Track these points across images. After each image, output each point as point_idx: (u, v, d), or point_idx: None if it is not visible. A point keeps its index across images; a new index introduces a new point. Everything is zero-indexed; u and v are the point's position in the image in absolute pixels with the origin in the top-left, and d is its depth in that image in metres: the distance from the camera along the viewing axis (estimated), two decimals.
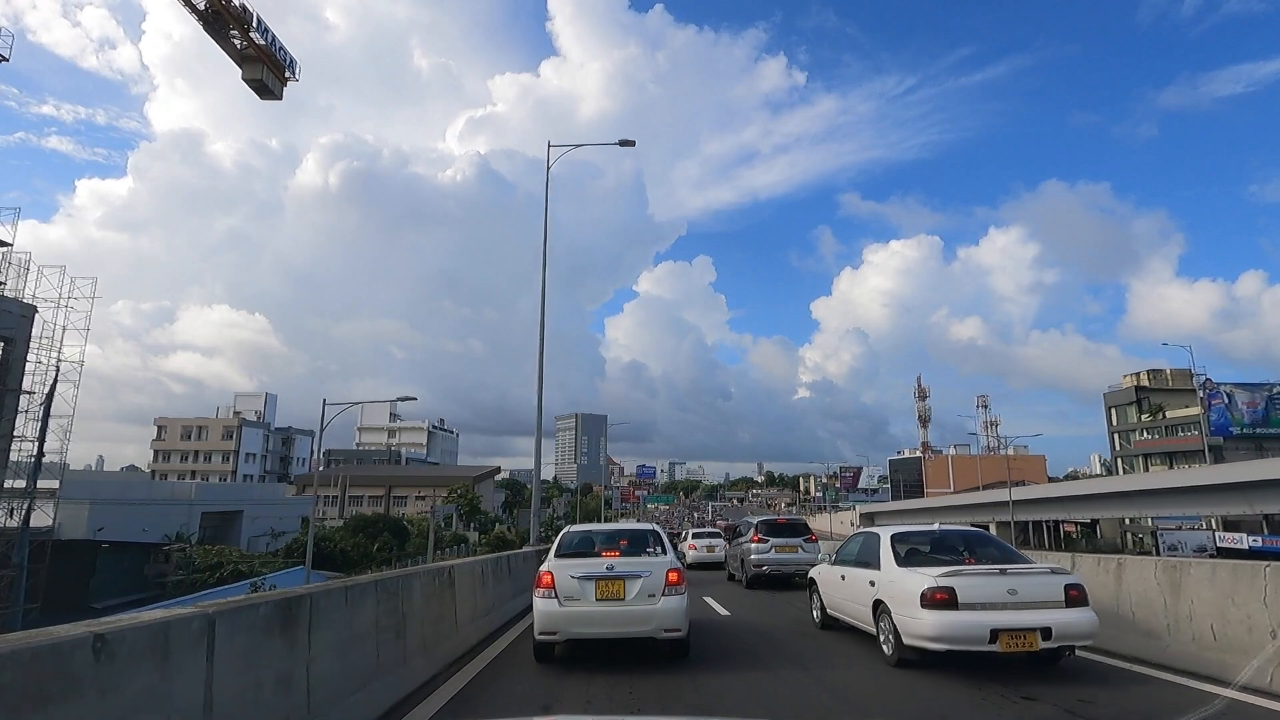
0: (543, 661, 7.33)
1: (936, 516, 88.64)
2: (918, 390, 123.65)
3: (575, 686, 6.47)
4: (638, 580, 7.14)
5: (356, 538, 42.42)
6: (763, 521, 16.74)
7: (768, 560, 15.49)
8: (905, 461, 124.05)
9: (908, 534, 8.23)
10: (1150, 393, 69.53)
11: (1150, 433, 68.58)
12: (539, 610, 7.16)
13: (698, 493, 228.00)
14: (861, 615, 7.99)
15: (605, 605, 7.10)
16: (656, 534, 8.38)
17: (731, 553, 18.59)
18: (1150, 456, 67.96)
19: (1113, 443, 72.34)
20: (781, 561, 15.49)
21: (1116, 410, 72.40)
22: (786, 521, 16.85)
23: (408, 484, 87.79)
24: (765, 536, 15.86)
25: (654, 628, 7.11)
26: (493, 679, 6.78)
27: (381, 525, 45.54)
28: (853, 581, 8.30)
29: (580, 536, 8.46)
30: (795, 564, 15.34)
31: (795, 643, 8.65)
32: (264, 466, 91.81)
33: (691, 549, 24.42)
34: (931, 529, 8.38)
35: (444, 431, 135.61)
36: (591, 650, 7.56)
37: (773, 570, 15.48)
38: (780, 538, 15.83)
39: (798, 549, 15.67)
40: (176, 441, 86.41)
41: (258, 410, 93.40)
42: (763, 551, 15.58)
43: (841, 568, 8.81)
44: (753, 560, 15.61)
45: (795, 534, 16.13)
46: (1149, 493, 50.40)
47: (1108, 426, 72.23)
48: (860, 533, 9.10)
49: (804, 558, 15.23)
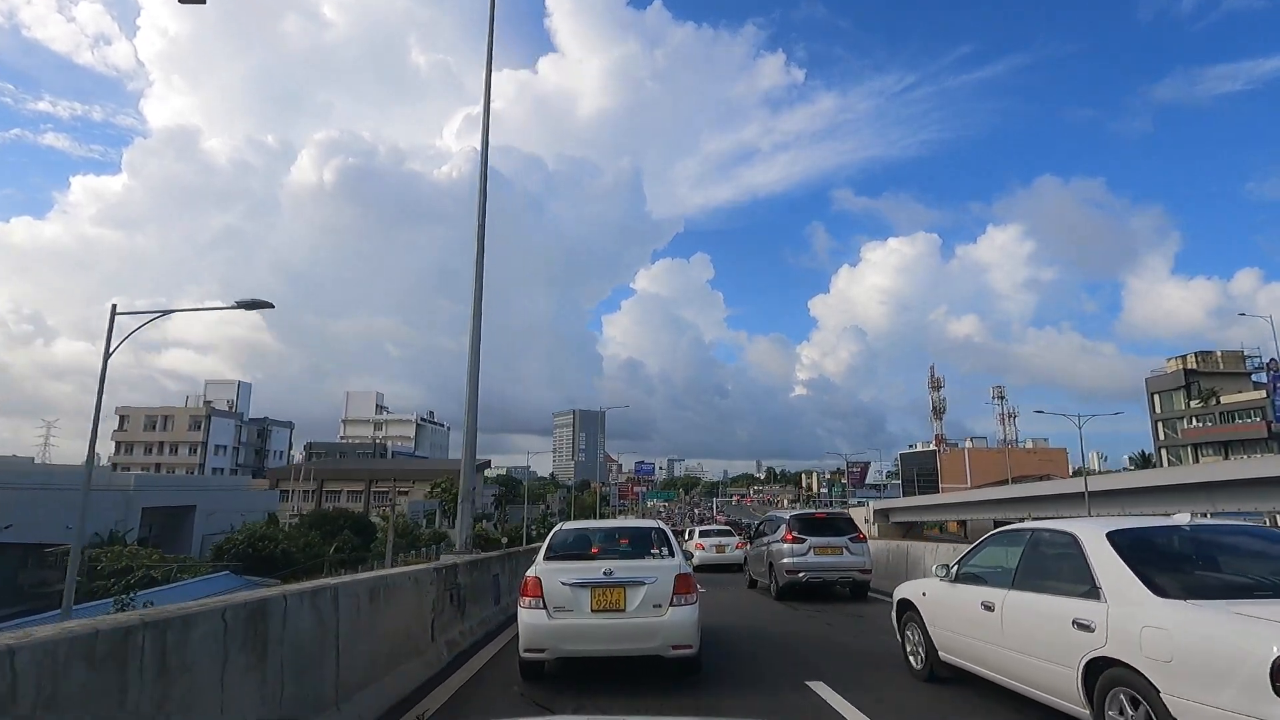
0: (530, 681, 6.28)
1: (962, 512, 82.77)
2: (931, 380, 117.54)
3: None
4: (640, 588, 6.13)
5: (309, 536, 36.19)
6: (798, 517, 14.03)
7: (805, 565, 12.87)
8: (917, 455, 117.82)
9: (1146, 533, 4.69)
10: (1200, 377, 63.46)
11: (1201, 420, 62.51)
12: (524, 623, 6.15)
13: (697, 489, 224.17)
14: (1049, 681, 4.64)
15: (602, 617, 6.07)
16: (662, 533, 7.30)
17: (753, 554, 15.93)
18: (1201, 446, 61.94)
19: (1156, 432, 66.31)
20: (822, 566, 12.91)
21: (1161, 397, 66.34)
22: (827, 517, 14.44)
23: (390, 477, 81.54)
24: (801, 535, 13.19)
25: (660, 644, 6.05)
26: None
27: (342, 522, 39.26)
28: (1021, 616, 5.01)
29: (574, 535, 7.44)
30: (840, 570, 12.95)
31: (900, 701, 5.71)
32: (236, 460, 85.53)
33: (699, 548, 22.09)
34: (1176, 523, 4.72)
35: (433, 424, 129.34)
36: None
37: (811, 578, 12.86)
38: (820, 537, 13.21)
39: (842, 550, 13.09)
40: (139, 432, 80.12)
41: (230, 399, 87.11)
42: (798, 554, 12.96)
43: (984, 590, 5.53)
44: (785, 565, 13.02)
45: (839, 532, 13.47)
46: (1204, 486, 44.56)
47: (1150, 415, 66.19)
48: (1017, 530, 5.72)
49: (850, 562, 13.01)
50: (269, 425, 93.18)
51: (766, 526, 15.41)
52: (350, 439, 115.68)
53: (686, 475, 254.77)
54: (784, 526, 13.66)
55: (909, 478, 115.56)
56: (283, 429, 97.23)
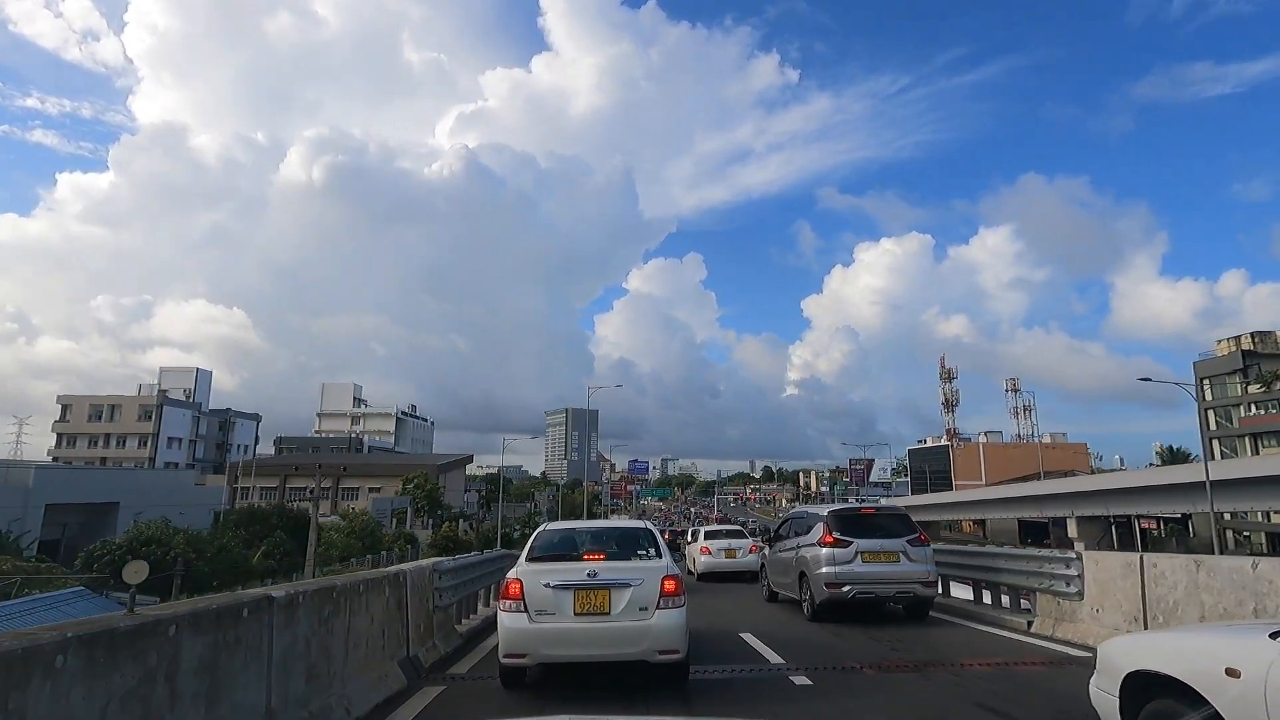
0: (511, 689, 6.06)
1: (982, 511, 76.45)
2: (942, 371, 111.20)
3: None
4: (626, 590, 5.89)
5: (224, 539, 29.24)
6: (839, 514, 10.68)
7: (851, 576, 9.76)
8: (928, 451, 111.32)
9: None
10: (1260, 359, 57.10)
11: (1261, 407, 56.14)
12: (504, 627, 5.89)
13: (693, 488, 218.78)
14: None
15: (586, 621, 5.84)
16: (650, 533, 7.04)
17: (774, 560, 12.75)
18: (1262, 436, 55.62)
19: (1204, 421, 59.94)
20: (874, 578, 9.81)
21: (1212, 382, 59.97)
22: (876, 513, 11.20)
23: (360, 473, 74.58)
24: (845, 537, 10.03)
25: (646, 648, 5.81)
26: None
27: (274, 520, 32.28)
28: None
29: (559, 536, 7.10)
30: (897, 582, 9.83)
31: None
32: (193, 454, 78.28)
33: (705, 553, 19.19)
34: None
35: (416, 419, 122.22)
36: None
37: (859, 593, 9.73)
38: (869, 539, 10.07)
39: (899, 557, 9.94)
40: (84, 424, 72.82)
41: (186, 388, 79.84)
42: (841, 561, 9.85)
43: None
44: (824, 576, 9.87)
45: (892, 533, 10.23)
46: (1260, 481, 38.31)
47: (1199, 402, 59.78)
48: None
49: (910, 571, 9.86)
50: (232, 417, 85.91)
51: (792, 526, 12.39)
52: (325, 433, 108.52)
53: (681, 474, 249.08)
54: (819, 526, 10.64)
55: (921, 474, 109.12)
56: (249, 421, 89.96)
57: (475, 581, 9.74)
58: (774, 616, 10.98)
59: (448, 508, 63.96)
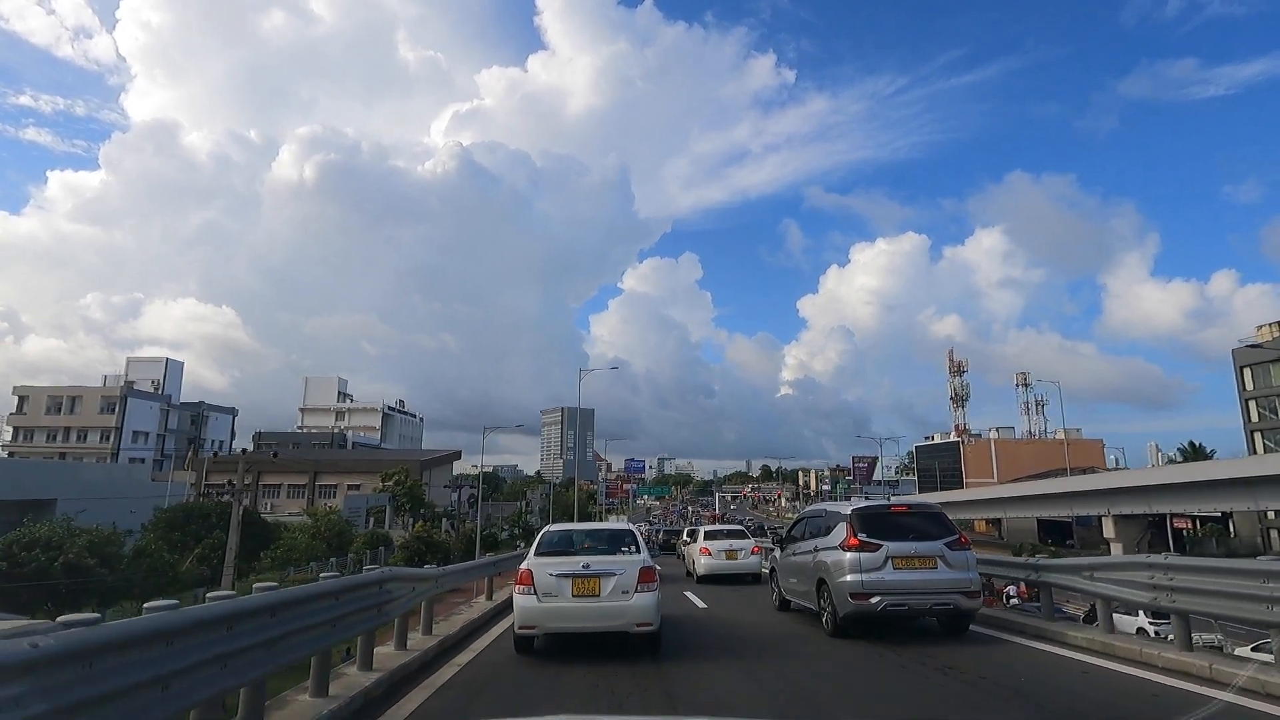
0: (523, 653, 7.78)
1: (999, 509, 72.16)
2: (951, 364, 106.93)
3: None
4: (612, 578, 7.55)
5: (144, 539, 24.67)
6: (864, 513, 9.16)
7: (881, 585, 8.37)
8: (937, 448, 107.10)
9: None
10: None
11: None
12: (519, 605, 7.60)
13: (690, 487, 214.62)
14: None
15: (581, 601, 7.50)
16: (631, 534, 8.56)
17: (786, 564, 11.29)
18: None
19: (1246, 412, 55.80)
20: (908, 587, 8.39)
21: (1254, 371, 55.76)
22: (909, 511, 9.80)
23: (338, 470, 69.99)
24: (873, 540, 8.63)
25: (627, 623, 7.48)
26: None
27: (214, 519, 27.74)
28: None
29: (559, 536, 8.75)
30: (934, 592, 8.41)
31: None
32: (162, 448, 73.55)
33: (705, 554, 17.94)
34: None
35: (404, 414, 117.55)
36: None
37: (891, 605, 8.31)
38: (902, 541, 8.65)
39: (936, 562, 8.55)
40: (41, 416, 68.05)
41: (155, 379, 75.09)
42: (870, 568, 8.48)
43: None
44: (849, 585, 8.53)
45: (928, 535, 8.79)
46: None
47: (1240, 391, 55.67)
48: None
49: (949, 579, 8.47)
50: (205, 411, 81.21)
51: (808, 526, 10.86)
52: (308, 428, 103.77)
53: (677, 473, 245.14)
54: (842, 526, 9.06)
55: (930, 471, 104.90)
56: (224, 415, 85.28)
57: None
58: (782, 626, 10.12)
59: (431, 506, 59.42)
